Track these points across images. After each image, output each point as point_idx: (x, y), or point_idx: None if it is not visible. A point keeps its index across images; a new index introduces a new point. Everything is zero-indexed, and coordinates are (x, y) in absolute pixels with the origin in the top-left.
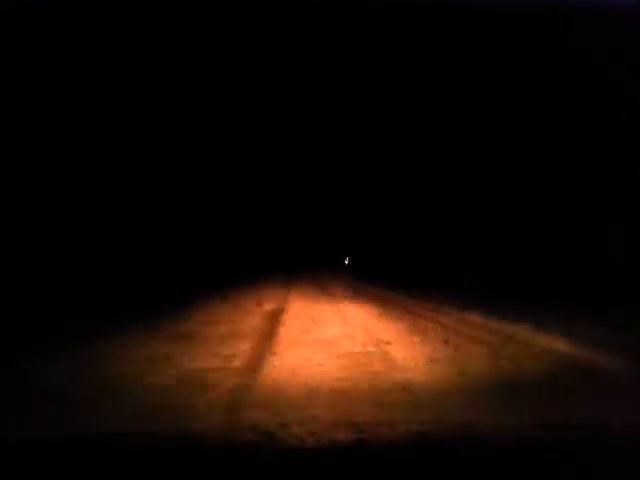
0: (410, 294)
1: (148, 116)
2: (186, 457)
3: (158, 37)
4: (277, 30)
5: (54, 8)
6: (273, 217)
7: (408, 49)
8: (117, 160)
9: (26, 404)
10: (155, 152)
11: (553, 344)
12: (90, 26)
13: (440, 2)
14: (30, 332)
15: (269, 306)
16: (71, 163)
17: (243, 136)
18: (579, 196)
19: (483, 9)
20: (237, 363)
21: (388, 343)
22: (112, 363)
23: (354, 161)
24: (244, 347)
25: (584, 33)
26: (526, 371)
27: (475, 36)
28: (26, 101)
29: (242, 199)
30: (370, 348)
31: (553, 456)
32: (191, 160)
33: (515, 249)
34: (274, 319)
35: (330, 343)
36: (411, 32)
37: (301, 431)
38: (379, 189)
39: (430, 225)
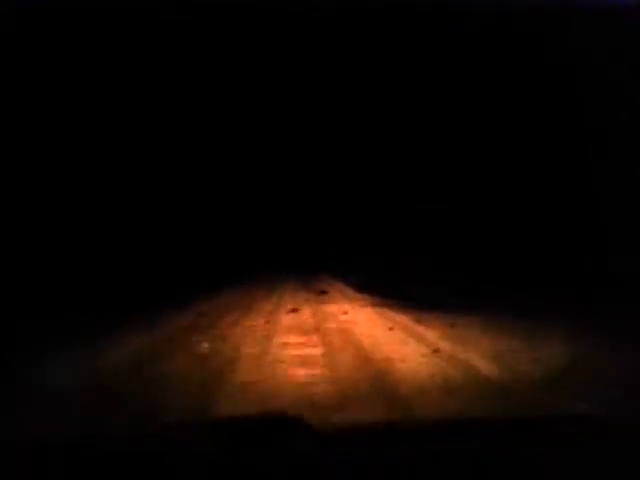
0: None
1: (145, 115)
2: (186, 456)
3: (157, 36)
4: (276, 29)
5: (54, 9)
6: (260, 219)
7: (408, 49)
8: (113, 161)
9: (26, 403)
10: (144, 155)
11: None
12: (90, 26)
13: (440, 2)
14: (29, 332)
15: None
16: (70, 163)
17: (244, 134)
18: (578, 196)
19: (483, 9)
20: None
21: None
22: None
23: (351, 160)
24: None
25: (584, 33)
26: None
27: (475, 36)
28: (26, 101)
29: (237, 201)
30: None
31: (552, 453)
32: (184, 158)
33: (513, 248)
34: None
35: None
36: (411, 32)
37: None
38: (378, 189)
39: (430, 225)
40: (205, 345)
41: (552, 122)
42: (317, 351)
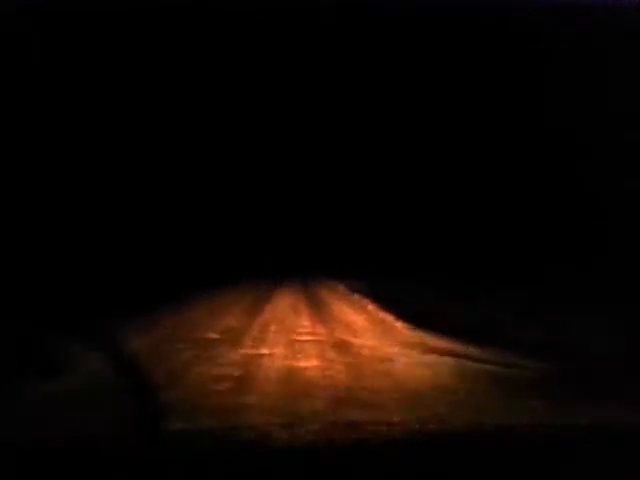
0: None
1: (142, 115)
2: (185, 456)
3: (157, 36)
4: (276, 28)
5: (54, 10)
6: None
7: (408, 48)
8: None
9: (26, 405)
10: (142, 155)
11: None
12: (90, 26)
13: (440, 2)
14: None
15: None
16: (69, 164)
17: (247, 133)
18: (579, 196)
19: (483, 9)
20: None
21: None
22: None
23: (350, 161)
24: None
25: (584, 33)
26: None
27: (475, 36)
28: (27, 101)
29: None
30: None
31: (554, 456)
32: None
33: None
34: None
35: None
36: (412, 32)
37: (301, 431)
38: (377, 188)
39: (429, 224)
40: None
41: (551, 122)
42: None
